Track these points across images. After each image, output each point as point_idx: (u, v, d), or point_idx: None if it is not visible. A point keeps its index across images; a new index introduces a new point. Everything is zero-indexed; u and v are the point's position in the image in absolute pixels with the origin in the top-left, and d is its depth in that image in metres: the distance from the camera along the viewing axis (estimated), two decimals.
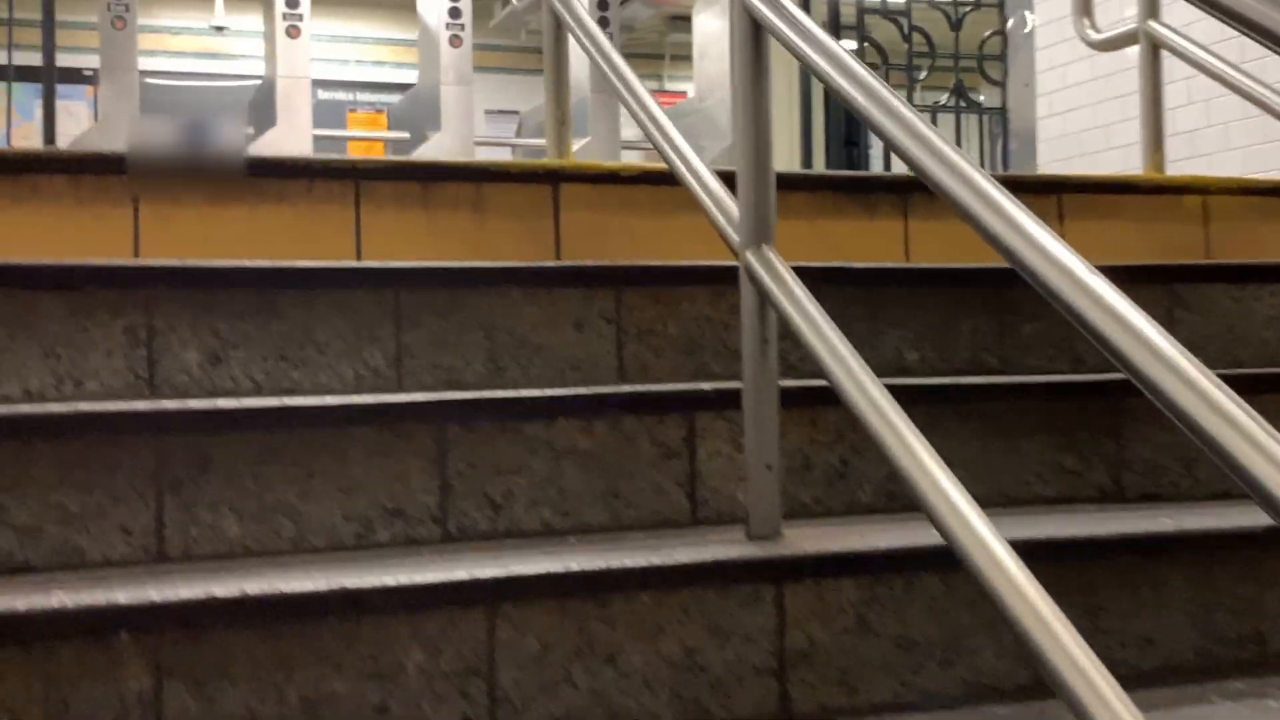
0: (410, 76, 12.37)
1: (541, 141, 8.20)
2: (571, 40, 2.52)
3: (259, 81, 12.08)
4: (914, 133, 1.35)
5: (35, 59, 6.80)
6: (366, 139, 8.95)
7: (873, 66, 4.22)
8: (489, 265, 2.13)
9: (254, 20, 11.87)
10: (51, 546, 1.63)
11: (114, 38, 6.80)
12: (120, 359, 1.91)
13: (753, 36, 1.74)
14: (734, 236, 1.77)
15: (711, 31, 8.13)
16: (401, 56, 12.34)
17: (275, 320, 1.98)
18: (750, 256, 1.70)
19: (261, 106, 7.53)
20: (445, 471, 1.77)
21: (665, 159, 2.04)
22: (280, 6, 7.07)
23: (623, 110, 5.15)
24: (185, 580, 1.49)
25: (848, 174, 5.34)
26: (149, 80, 11.21)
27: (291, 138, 7.05)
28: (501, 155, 8.94)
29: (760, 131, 1.74)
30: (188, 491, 1.69)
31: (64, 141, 11.19)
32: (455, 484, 1.77)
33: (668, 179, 2.12)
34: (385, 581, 1.46)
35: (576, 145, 6.25)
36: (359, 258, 2.31)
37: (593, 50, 2.38)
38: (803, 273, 1.69)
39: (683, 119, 8.77)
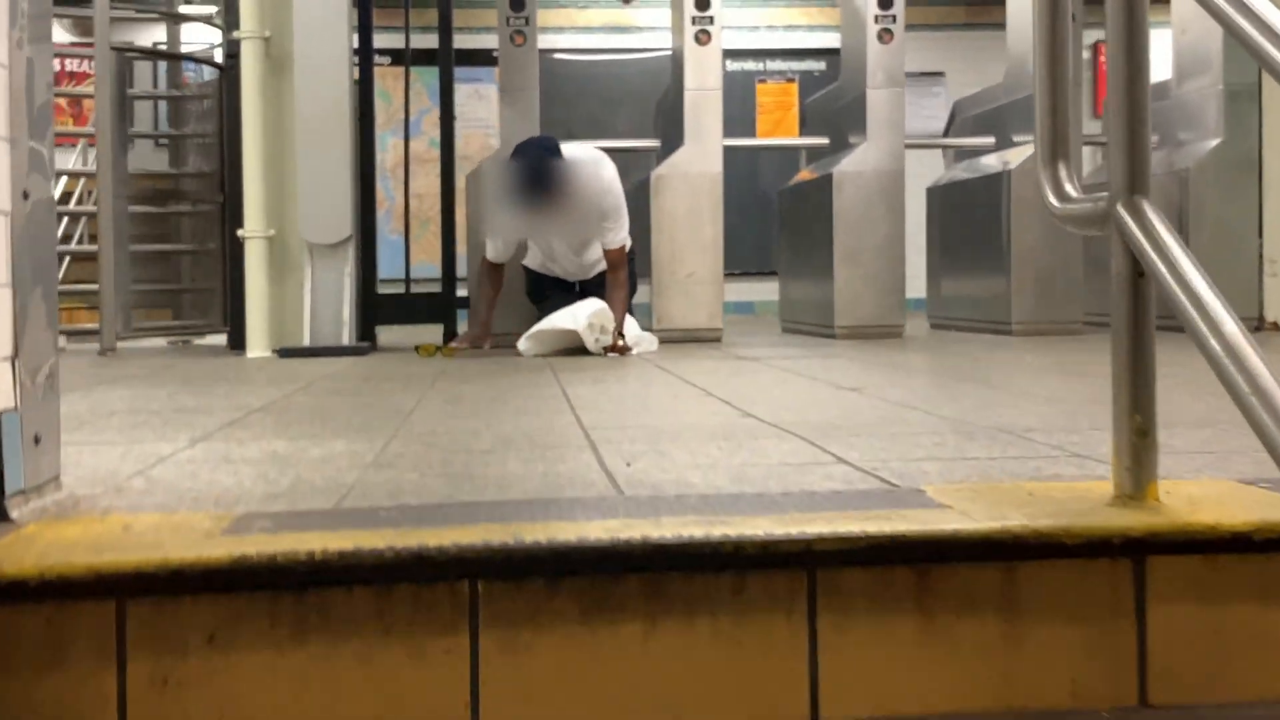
0: (825, 40, 11.36)
1: (985, 140, 7.03)
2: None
3: (668, 52, 11.46)
4: None
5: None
6: (780, 148, 8.03)
7: None
8: None
9: None
10: None
11: (513, 55, 6.23)
12: None
13: None
14: None
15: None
16: (815, 18, 11.35)
17: None
18: None
19: (668, 115, 6.79)
20: None
21: None
22: (689, 9, 6.25)
23: None
24: None
25: None
26: (556, 56, 10.81)
27: (700, 158, 6.25)
28: (934, 162, 7.79)
29: None
30: None
31: (468, 128, 11.00)
32: None
33: None
34: None
35: None
36: (815, 713, 1.42)
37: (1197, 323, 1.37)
38: None
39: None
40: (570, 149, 5.51)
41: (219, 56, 6.81)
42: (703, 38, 6.27)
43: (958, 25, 11.08)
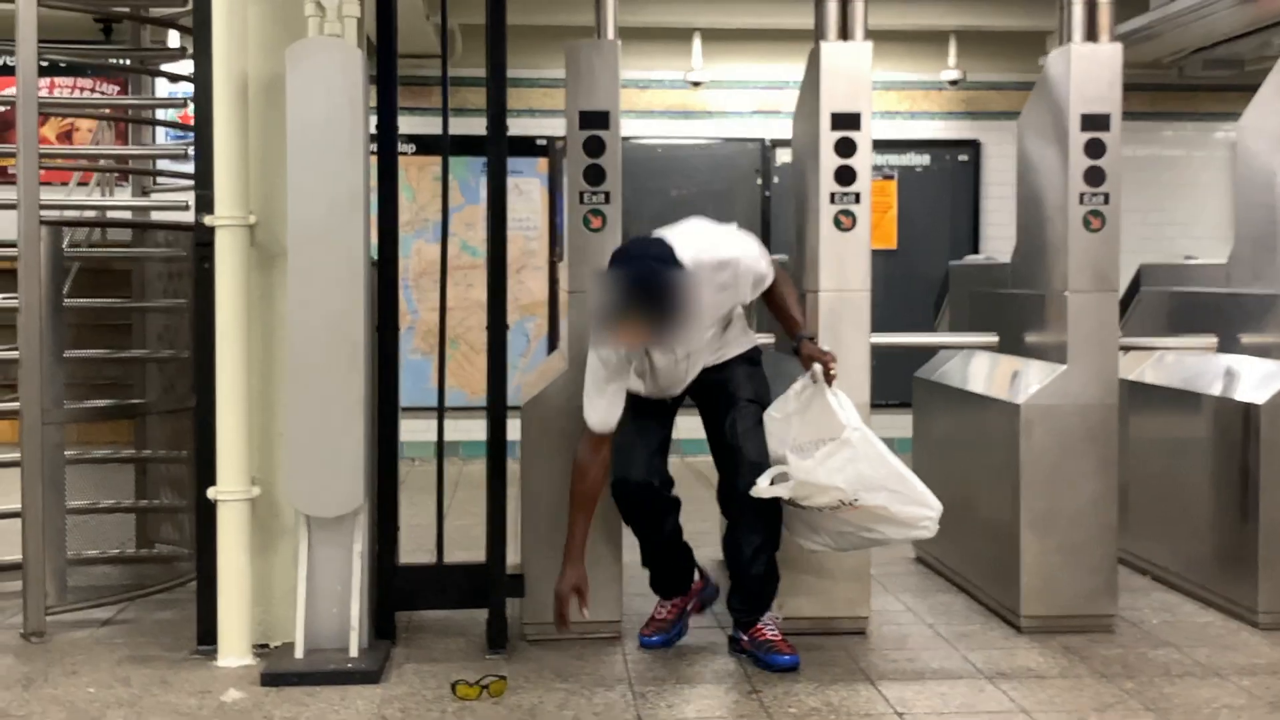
0: (929, 130, 9.66)
1: (1205, 341, 5.30)
2: None
3: (741, 142, 9.79)
4: None
5: (477, 126, 4.68)
6: (936, 346, 6.21)
7: None
8: None
9: (732, 69, 9.53)
10: None
11: (587, 242, 4.56)
12: None
13: None
14: None
15: None
16: (917, 104, 9.65)
17: None
18: None
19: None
20: None
21: None
22: (826, 184, 4.56)
23: None
24: None
25: None
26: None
27: (843, 387, 4.57)
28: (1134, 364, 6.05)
29: None
30: None
31: (515, 230, 9.37)
32: None
33: None
34: None
35: None
36: None
37: None
38: None
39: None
40: (685, 248, 4.07)
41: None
42: (845, 220, 4.59)
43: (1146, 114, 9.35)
